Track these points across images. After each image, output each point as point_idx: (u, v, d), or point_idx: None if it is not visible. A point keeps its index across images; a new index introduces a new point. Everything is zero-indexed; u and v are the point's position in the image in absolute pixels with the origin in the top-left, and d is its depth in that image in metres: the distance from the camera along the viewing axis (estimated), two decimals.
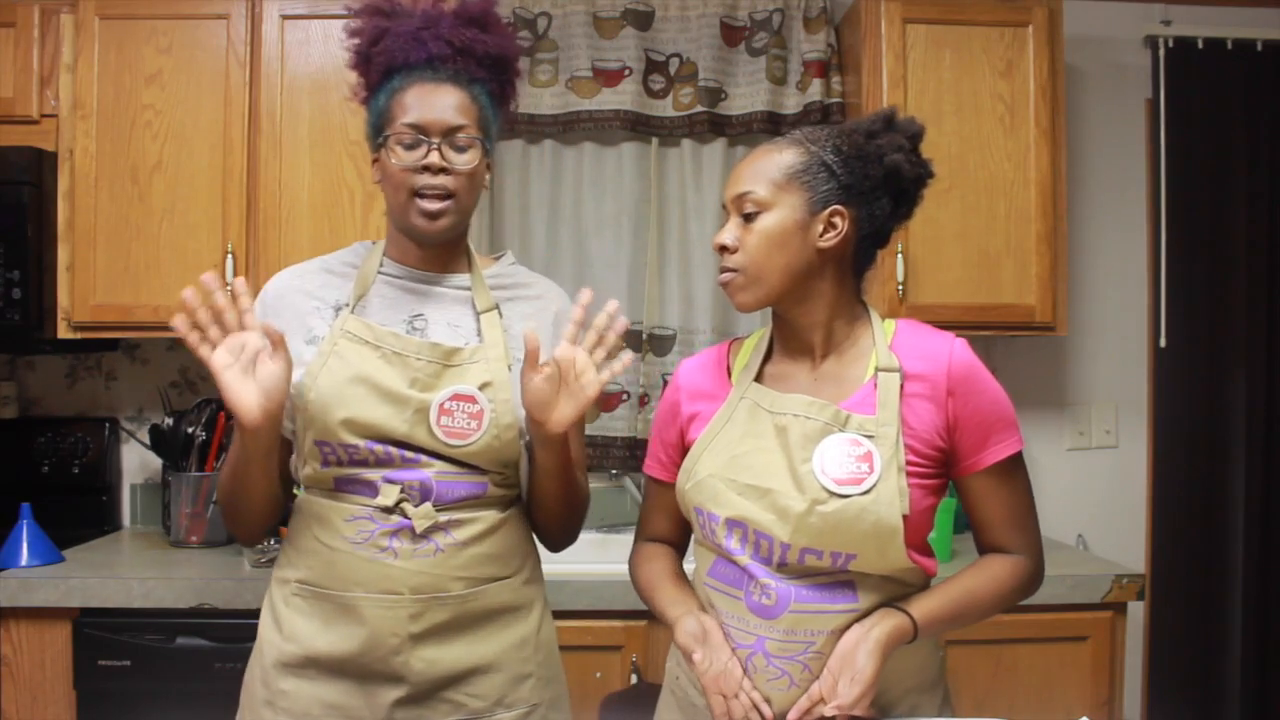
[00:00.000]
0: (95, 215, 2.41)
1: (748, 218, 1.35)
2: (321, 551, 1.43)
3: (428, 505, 1.41)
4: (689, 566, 1.48)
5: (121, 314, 2.42)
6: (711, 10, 2.71)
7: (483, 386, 1.43)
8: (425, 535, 1.41)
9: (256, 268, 2.41)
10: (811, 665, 1.29)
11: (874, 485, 1.27)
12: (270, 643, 1.46)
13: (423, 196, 1.42)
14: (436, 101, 1.43)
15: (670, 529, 1.51)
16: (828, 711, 1.24)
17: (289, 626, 1.44)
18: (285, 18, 2.43)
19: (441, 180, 1.42)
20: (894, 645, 1.27)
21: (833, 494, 1.27)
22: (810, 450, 1.30)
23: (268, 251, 2.42)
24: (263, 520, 1.49)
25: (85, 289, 2.41)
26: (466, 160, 1.44)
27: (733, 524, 1.32)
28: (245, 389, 1.30)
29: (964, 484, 1.37)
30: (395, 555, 1.40)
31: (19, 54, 2.46)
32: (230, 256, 2.41)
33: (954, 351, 1.35)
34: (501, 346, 1.47)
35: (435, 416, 1.41)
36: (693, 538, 1.45)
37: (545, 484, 1.47)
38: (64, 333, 2.45)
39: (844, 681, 1.24)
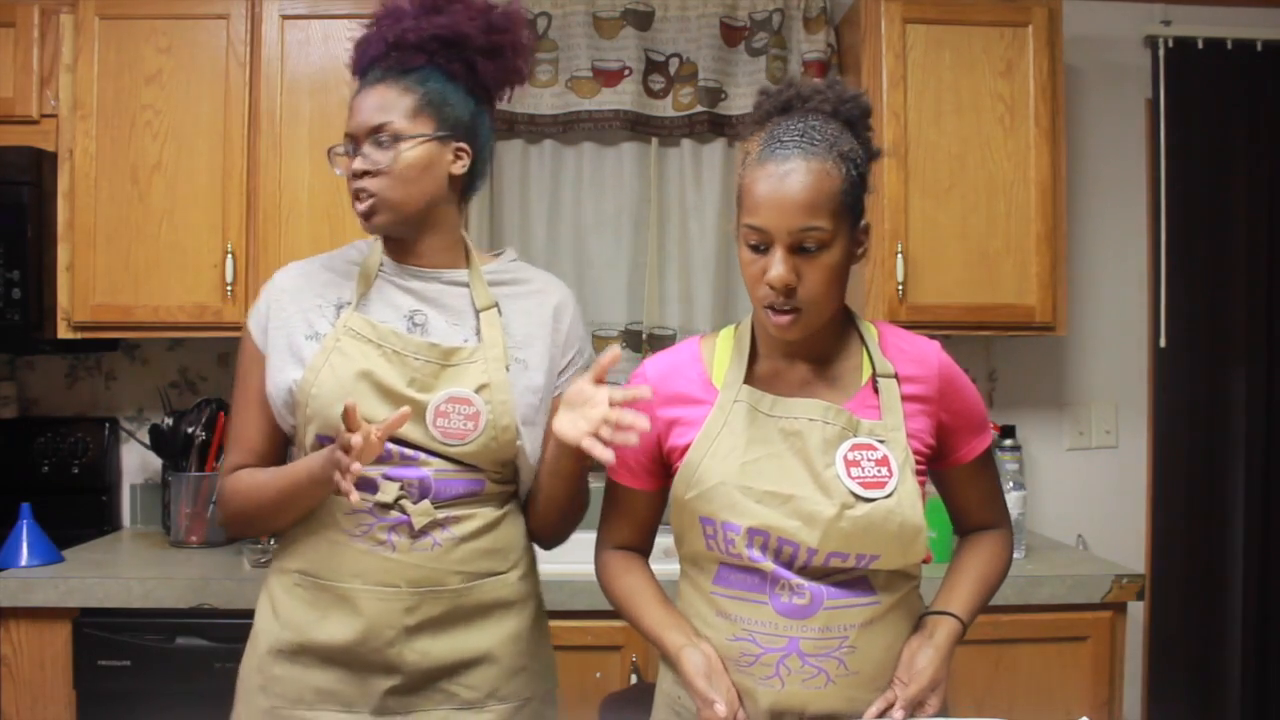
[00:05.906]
0: (95, 215, 2.41)
1: (802, 250, 1.24)
2: (321, 543, 1.44)
3: (426, 503, 1.42)
4: (659, 566, 1.48)
5: (121, 314, 2.42)
6: (711, 10, 2.70)
7: (480, 388, 1.43)
8: (424, 531, 1.42)
9: (256, 268, 2.41)
10: (847, 660, 1.29)
11: (895, 489, 1.28)
12: (266, 630, 1.48)
13: (358, 199, 1.46)
14: (361, 106, 1.47)
15: (637, 536, 1.48)
16: (897, 714, 1.28)
17: (286, 614, 1.46)
18: (285, 18, 2.43)
19: (364, 183, 1.44)
20: (953, 648, 1.35)
21: (860, 498, 1.27)
22: (832, 455, 1.30)
23: (268, 251, 2.41)
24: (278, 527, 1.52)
25: (85, 289, 2.41)
26: (387, 159, 1.44)
27: (754, 533, 1.29)
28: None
29: (950, 474, 1.43)
30: (393, 549, 1.41)
31: (19, 54, 2.45)
32: (230, 256, 2.41)
33: (940, 356, 1.39)
34: (500, 346, 1.47)
35: (431, 418, 1.42)
36: (682, 548, 1.39)
37: (557, 485, 1.47)
38: (64, 333, 2.45)
39: (913, 687, 1.30)
